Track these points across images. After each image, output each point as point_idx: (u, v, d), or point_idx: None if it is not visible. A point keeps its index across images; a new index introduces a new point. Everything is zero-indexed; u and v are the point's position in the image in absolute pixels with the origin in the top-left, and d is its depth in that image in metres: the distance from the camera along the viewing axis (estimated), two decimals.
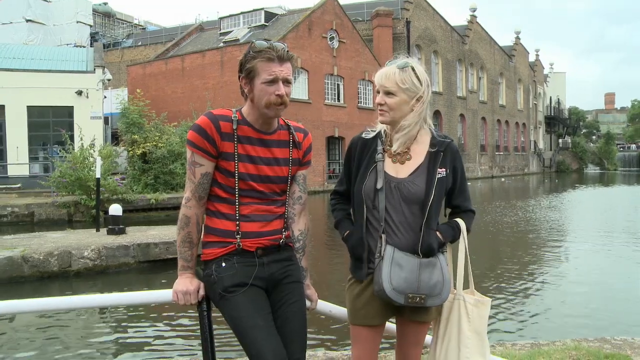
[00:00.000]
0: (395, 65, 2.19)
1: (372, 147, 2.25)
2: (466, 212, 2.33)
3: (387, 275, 2.08)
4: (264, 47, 2.10)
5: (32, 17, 38.89)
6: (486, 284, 8.20)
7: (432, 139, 2.25)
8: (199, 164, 2.13)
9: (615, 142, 79.91)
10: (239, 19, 35.59)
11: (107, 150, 17.70)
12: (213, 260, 2.16)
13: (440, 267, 2.15)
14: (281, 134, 2.25)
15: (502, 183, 41.54)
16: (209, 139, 2.10)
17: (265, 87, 2.09)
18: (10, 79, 22.05)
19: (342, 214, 2.36)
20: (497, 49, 54.24)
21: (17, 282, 8.32)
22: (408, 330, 2.28)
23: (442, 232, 2.22)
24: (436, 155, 2.21)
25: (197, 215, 2.16)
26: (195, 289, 2.17)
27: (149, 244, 9.52)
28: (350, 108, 33.04)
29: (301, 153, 2.30)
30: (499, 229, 14.83)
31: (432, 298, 2.12)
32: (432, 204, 2.15)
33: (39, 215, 16.61)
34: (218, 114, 2.15)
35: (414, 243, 2.15)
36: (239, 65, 2.17)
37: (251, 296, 2.11)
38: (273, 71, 2.09)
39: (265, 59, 2.09)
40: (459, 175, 2.27)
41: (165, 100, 30.42)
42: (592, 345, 4.01)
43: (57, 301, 2.62)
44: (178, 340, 5.92)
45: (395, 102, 2.18)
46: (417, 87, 2.19)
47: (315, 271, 9.13)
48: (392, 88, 2.17)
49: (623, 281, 8.74)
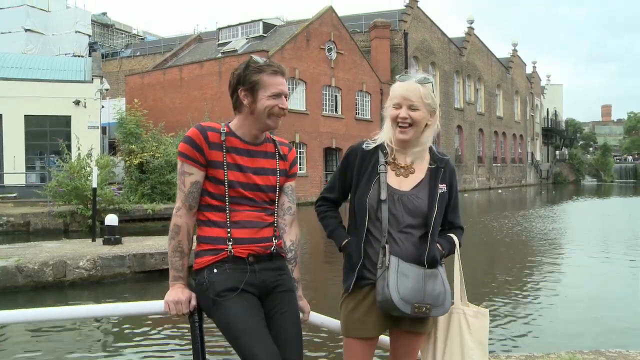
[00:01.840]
0: (415, 80, 2.21)
1: (374, 159, 2.27)
2: (457, 228, 2.39)
3: (394, 284, 2.09)
4: (267, 62, 2.22)
5: (31, 26, 38.97)
6: (481, 294, 8.19)
7: (432, 155, 2.30)
8: (189, 173, 2.19)
9: (611, 153, 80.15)
10: (237, 30, 35.75)
11: (104, 160, 17.70)
12: (204, 268, 2.18)
13: (441, 278, 2.19)
14: (267, 146, 2.32)
15: (499, 194, 41.60)
16: (197, 148, 2.17)
17: (270, 100, 2.19)
18: (8, 88, 22.03)
19: (335, 222, 2.38)
20: (494, 61, 54.54)
21: (11, 292, 8.26)
22: (403, 341, 2.28)
23: (442, 245, 2.27)
24: (437, 171, 2.27)
25: (187, 224, 2.20)
26: (187, 299, 2.18)
27: (145, 254, 9.49)
28: (348, 119, 33.09)
29: (287, 165, 2.37)
30: (494, 240, 14.83)
31: (436, 308, 2.15)
32: (436, 218, 2.20)
33: (34, 225, 16.55)
34: (206, 126, 2.23)
35: (418, 254, 2.18)
36: (236, 78, 2.24)
37: (243, 301, 2.12)
38: (279, 85, 2.21)
39: (271, 73, 2.20)
40: (454, 192, 2.33)
41: (163, 111, 30.43)
42: (587, 358, 4.00)
43: (49, 312, 2.61)
44: (169, 352, 5.89)
45: (420, 117, 2.20)
46: (435, 103, 2.25)
47: (311, 283, 9.11)
48: (417, 103, 2.19)
49: (620, 292, 8.73)
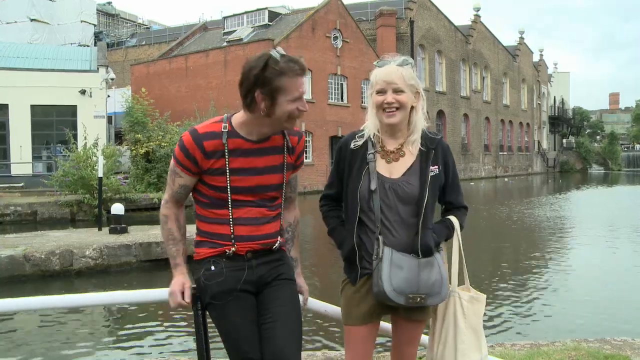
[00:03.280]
0: (395, 64, 2.17)
1: (364, 148, 2.23)
2: (459, 208, 2.32)
3: (387, 276, 2.07)
4: (287, 61, 2.01)
5: (37, 16, 38.91)
6: (487, 282, 8.19)
7: (423, 136, 2.24)
8: (179, 176, 2.17)
9: (619, 142, 79.55)
10: (242, 19, 35.57)
11: (110, 150, 17.71)
12: (203, 260, 2.16)
13: (437, 265, 2.15)
14: (275, 139, 2.19)
15: (506, 183, 41.45)
16: (190, 157, 2.10)
17: (291, 103, 2.05)
18: (14, 78, 22.05)
19: (335, 222, 2.33)
20: (500, 49, 54.08)
21: (19, 281, 8.33)
22: (404, 329, 2.27)
23: (436, 232, 2.21)
24: (428, 153, 2.20)
25: (175, 213, 2.22)
26: (179, 290, 2.13)
27: (151, 243, 9.52)
28: (354, 108, 32.98)
29: (294, 157, 2.27)
30: (500, 228, 14.79)
31: (432, 297, 2.12)
32: (428, 203, 2.15)
33: (41, 214, 16.64)
34: (203, 133, 2.10)
35: (412, 243, 2.14)
36: (253, 78, 2.01)
37: (239, 306, 2.10)
38: (300, 87, 2.06)
39: (293, 75, 2.03)
40: (451, 171, 2.27)
41: (169, 100, 30.40)
42: (592, 346, 3.99)
43: (55, 299, 2.64)
44: (173, 339, 5.92)
45: (405, 100, 2.16)
46: (418, 83, 2.20)
47: (317, 273, 9.14)
48: (401, 85, 2.15)
49: (625, 281, 8.70)
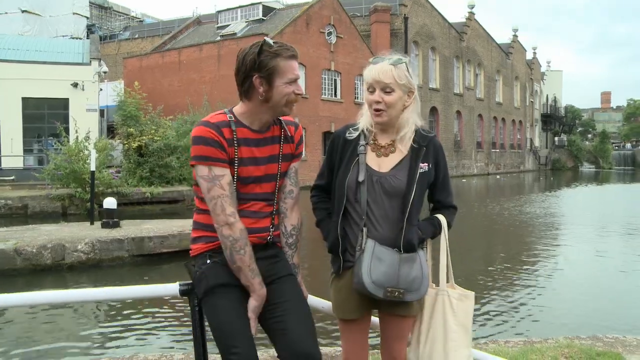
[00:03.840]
0: (388, 62, 2.15)
1: (355, 141, 2.24)
2: (448, 207, 2.33)
3: (367, 268, 2.08)
4: (280, 45, 2.04)
5: (28, 7, 38.50)
6: (480, 280, 8.22)
7: (415, 134, 2.24)
8: (221, 175, 2.05)
9: (610, 140, 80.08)
10: (236, 13, 35.44)
11: (102, 143, 17.60)
12: (199, 255, 2.15)
13: (419, 262, 2.16)
14: (274, 129, 2.21)
15: (498, 180, 41.66)
16: (216, 144, 2.04)
17: (287, 86, 2.06)
18: (4, 70, 21.79)
19: (324, 214, 2.33)
20: (494, 46, 54.20)
21: (10, 275, 8.28)
22: (389, 324, 2.28)
23: (421, 229, 2.21)
24: (419, 150, 2.21)
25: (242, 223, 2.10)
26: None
27: (144, 237, 9.50)
28: (347, 103, 32.96)
29: (293, 147, 2.27)
30: (493, 225, 14.86)
31: (410, 293, 2.13)
32: (414, 199, 2.15)
33: (32, 208, 16.50)
34: (216, 122, 2.08)
35: (395, 237, 2.15)
36: (249, 63, 2.03)
37: (233, 300, 2.07)
38: (295, 70, 2.08)
39: (287, 57, 2.04)
40: (442, 170, 2.27)
41: (162, 94, 30.25)
42: (585, 343, 4.02)
43: (49, 295, 2.61)
44: (170, 334, 5.91)
45: (394, 99, 2.15)
46: (411, 83, 2.19)
47: (309, 267, 9.13)
48: (391, 84, 2.14)
49: (617, 278, 8.77)
